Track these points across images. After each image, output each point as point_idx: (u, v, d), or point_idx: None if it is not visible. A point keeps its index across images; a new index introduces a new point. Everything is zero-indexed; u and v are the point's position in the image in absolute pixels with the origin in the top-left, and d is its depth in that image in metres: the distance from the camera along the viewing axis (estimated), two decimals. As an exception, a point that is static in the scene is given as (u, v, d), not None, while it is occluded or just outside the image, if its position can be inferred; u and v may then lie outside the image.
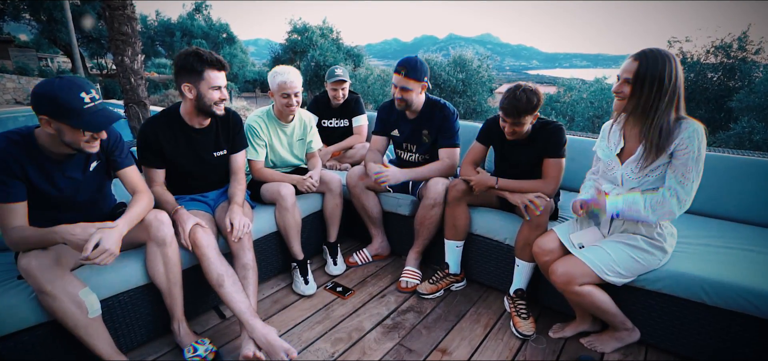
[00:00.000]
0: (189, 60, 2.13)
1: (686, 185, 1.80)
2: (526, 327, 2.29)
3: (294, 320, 2.43)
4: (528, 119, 2.27)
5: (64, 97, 1.61)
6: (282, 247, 2.82)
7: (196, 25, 33.64)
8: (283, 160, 3.00)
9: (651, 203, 1.86)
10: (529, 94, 2.21)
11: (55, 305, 1.68)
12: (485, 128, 2.60)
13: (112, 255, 1.68)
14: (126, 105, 5.78)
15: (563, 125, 2.36)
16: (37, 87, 1.64)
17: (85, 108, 1.66)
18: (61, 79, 1.65)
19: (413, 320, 2.45)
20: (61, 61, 33.32)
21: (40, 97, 1.61)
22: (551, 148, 2.33)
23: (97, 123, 1.70)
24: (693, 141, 1.76)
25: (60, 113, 1.62)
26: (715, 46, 14.23)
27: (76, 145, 1.73)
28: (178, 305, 2.11)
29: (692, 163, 1.78)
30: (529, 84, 2.27)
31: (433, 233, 2.78)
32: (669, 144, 1.80)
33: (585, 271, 1.96)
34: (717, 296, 1.86)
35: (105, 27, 6.05)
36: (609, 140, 2.08)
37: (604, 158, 2.10)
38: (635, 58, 1.79)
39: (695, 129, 1.77)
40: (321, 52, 25.54)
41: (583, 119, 16.04)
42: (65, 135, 1.69)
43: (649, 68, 1.74)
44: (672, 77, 1.73)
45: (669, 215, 1.84)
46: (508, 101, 2.24)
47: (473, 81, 18.77)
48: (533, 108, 2.23)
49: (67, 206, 1.88)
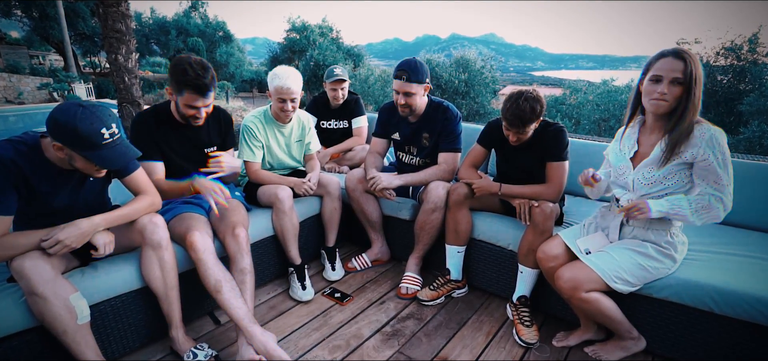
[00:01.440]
0: (176, 71, 2.15)
1: (726, 189, 1.80)
2: (529, 335, 2.29)
3: (290, 326, 2.43)
4: (532, 127, 2.28)
5: (84, 131, 1.61)
6: (279, 251, 2.83)
7: (192, 23, 33.73)
8: (280, 163, 3.00)
9: (696, 207, 1.83)
10: (532, 103, 2.21)
11: (45, 308, 1.68)
12: (487, 131, 2.61)
13: (65, 247, 1.70)
14: (119, 105, 5.80)
15: (565, 127, 2.37)
16: (57, 113, 1.62)
17: (103, 143, 1.67)
18: (83, 108, 1.64)
19: (413, 327, 2.45)
20: (53, 59, 33.36)
21: (60, 127, 1.61)
22: (553, 151, 2.34)
23: (111, 160, 1.72)
24: (713, 148, 1.76)
25: (77, 145, 1.63)
26: (724, 48, 14.19)
27: (86, 173, 1.77)
28: (175, 311, 2.11)
29: (721, 168, 1.78)
30: (531, 90, 2.28)
31: (434, 238, 2.79)
32: (687, 148, 1.80)
33: (592, 277, 1.95)
34: (725, 305, 1.86)
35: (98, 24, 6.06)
36: (622, 144, 2.08)
37: (616, 163, 2.09)
38: (676, 57, 1.76)
39: (712, 135, 1.76)
40: (320, 52, 25.60)
41: (589, 122, 16.02)
42: (76, 162, 1.71)
43: (695, 68, 1.74)
44: (701, 76, 1.76)
45: (715, 218, 1.83)
46: (511, 112, 2.24)
47: (476, 82, 18.78)
48: (537, 116, 2.24)
49: (66, 213, 1.89)
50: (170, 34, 32.92)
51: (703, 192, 1.83)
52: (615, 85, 16.95)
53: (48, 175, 1.77)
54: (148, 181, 2.09)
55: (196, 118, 2.27)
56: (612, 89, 16.58)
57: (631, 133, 2.05)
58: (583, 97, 17.45)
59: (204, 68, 2.17)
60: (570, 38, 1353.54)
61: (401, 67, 2.67)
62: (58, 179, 1.81)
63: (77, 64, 26.86)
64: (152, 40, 34.67)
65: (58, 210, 1.85)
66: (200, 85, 2.16)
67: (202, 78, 2.15)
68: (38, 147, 1.75)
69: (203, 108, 2.24)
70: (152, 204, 2.06)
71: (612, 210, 2.15)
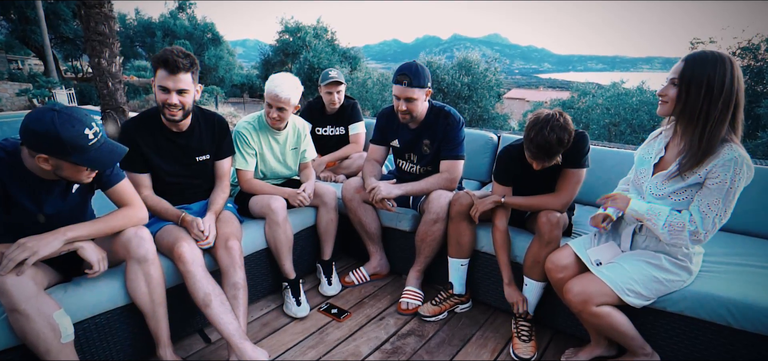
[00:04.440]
0: (155, 56, 2.19)
1: (707, 217, 1.80)
2: (524, 350, 2.30)
3: (285, 344, 2.44)
4: (559, 157, 2.24)
5: (68, 136, 1.61)
6: (272, 265, 2.83)
7: (179, 25, 33.79)
8: (273, 172, 3.01)
9: (671, 223, 1.85)
10: (560, 132, 2.08)
11: (27, 325, 1.68)
12: (502, 167, 2.49)
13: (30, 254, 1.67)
14: (103, 111, 5.80)
15: (586, 133, 2.32)
16: (33, 124, 1.60)
17: (90, 145, 1.68)
18: (58, 112, 1.63)
19: (414, 344, 2.45)
20: (32, 64, 33.43)
21: (40, 137, 1.60)
22: (573, 157, 2.28)
23: (102, 161, 1.73)
24: (727, 170, 1.74)
25: (63, 152, 1.63)
26: (741, 48, 14.23)
27: (75, 180, 1.77)
28: (163, 328, 2.11)
29: (721, 194, 1.77)
30: (557, 116, 2.12)
31: (436, 251, 2.79)
32: (706, 164, 1.78)
33: (603, 290, 1.96)
34: (744, 319, 1.87)
35: (80, 26, 6.07)
36: (651, 147, 2.09)
37: (639, 165, 2.11)
38: (684, 59, 1.80)
39: (734, 158, 1.73)
40: (314, 54, 25.70)
41: (599, 127, 16.05)
42: (64, 171, 1.71)
43: (696, 70, 1.75)
44: (725, 82, 1.71)
45: (682, 242, 1.85)
46: (535, 145, 2.12)
47: (480, 85, 18.85)
48: (564, 146, 2.13)
49: (46, 225, 1.89)
50: (156, 36, 32.95)
51: (690, 210, 1.85)
52: (626, 88, 16.99)
53: (27, 185, 1.78)
54: (133, 192, 2.09)
55: (169, 105, 2.21)
56: (622, 92, 16.62)
57: (662, 138, 2.06)
58: (592, 100, 17.50)
59: (180, 50, 2.20)
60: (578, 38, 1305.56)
61: (402, 72, 2.67)
62: (39, 189, 1.81)
63: (58, 69, 26.90)
64: (137, 42, 34.70)
65: (40, 221, 1.85)
66: (168, 59, 2.14)
67: (174, 55, 2.15)
68: (18, 154, 1.75)
69: (175, 94, 2.21)
70: (133, 217, 2.03)
71: None
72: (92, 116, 1.73)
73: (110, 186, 2.00)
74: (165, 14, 34.74)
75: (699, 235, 1.81)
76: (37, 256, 1.69)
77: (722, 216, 1.79)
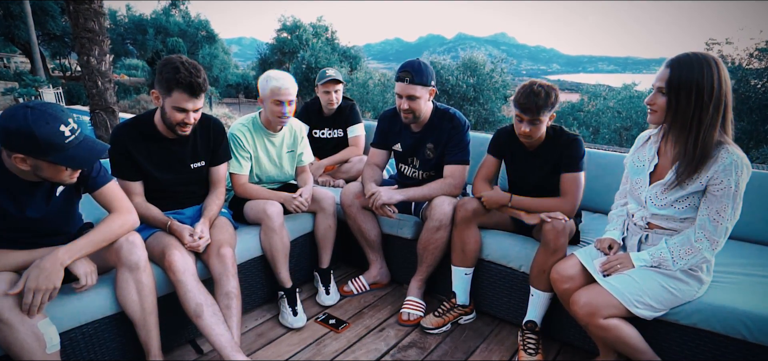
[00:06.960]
0: (166, 69, 2.15)
1: (720, 224, 1.83)
2: None
3: (280, 355, 2.44)
4: (545, 118, 2.33)
5: (43, 133, 1.62)
6: (268, 273, 2.84)
7: (172, 22, 33.91)
8: (269, 176, 3.02)
9: (678, 252, 1.90)
10: (547, 89, 2.30)
11: (11, 336, 1.69)
12: (496, 139, 2.67)
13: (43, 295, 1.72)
14: (92, 111, 5.81)
15: (580, 136, 2.40)
16: (6, 122, 1.60)
17: (67, 142, 1.68)
18: (31, 109, 1.63)
19: (416, 357, 2.45)
20: (19, 62, 33.54)
21: (13, 135, 1.61)
22: (567, 162, 2.38)
23: (81, 159, 1.74)
24: (730, 174, 1.77)
25: (39, 151, 1.64)
26: (758, 49, 14.21)
27: (56, 180, 1.78)
28: (153, 339, 2.10)
29: (728, 199, 1.80)
30: (543, 80, 2.37)
31: (439, 259, 2.80)
32: (705, 170, 1.81)
33: (611, 302, 1.96)
34: (759, 332, 1.86)
35: (69, 23, 6.09)
36: (642, 153, 2.11)
37: (632, 175, 2.13)
38: (667, 64, 1.83)
39: (733, 161, 1.77)
40: (313, 53, 25.77)
41: (610, 131, 16.06)
42: (44, 171, 1.72)
43: (683, 76, 1.77)
44: (714, 85, 1.74)
45: (703, 261, 1.89)
46: (524, 96, 2.30)
47: (485, 87, 18.88)
48: (551, 104, 2.30)
49: (31, 229, 1.91)
50: (148, 34, 33.06)
51: (697, 224, 1.88)
52: (638, 91, 17.00)
53: (10, 187, 1.79)
54: (122, 195, 2.09)
55: (185, 124, 2.24)
56: (634, 95, 16.63)
57: (651, 144, 2.09)
58: (602, 103, 17.51)
59: (196, 68, 2.18)
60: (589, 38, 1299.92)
61: (404, 68, 2.68)
62: (21, 191, 1.82)
63: (45, 67, 26.99)
64: (128, 39, 34.78)
65: (28, 225, 1.87)
66: (192, 83, 2.14)
67: (195, 76, 2.15)
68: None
69: (192, 113, 2.23)
70: (124, 224, 2.03)
71: (628, 228, 2.19)
72: (70, 113, 1.74)
73: (96, 188, 2.01)
74: (157, 11, 34.88)
75: (715, 243, 1.84)
76: (56, 291, 1.76)
77: (732, 219, 1.83)
